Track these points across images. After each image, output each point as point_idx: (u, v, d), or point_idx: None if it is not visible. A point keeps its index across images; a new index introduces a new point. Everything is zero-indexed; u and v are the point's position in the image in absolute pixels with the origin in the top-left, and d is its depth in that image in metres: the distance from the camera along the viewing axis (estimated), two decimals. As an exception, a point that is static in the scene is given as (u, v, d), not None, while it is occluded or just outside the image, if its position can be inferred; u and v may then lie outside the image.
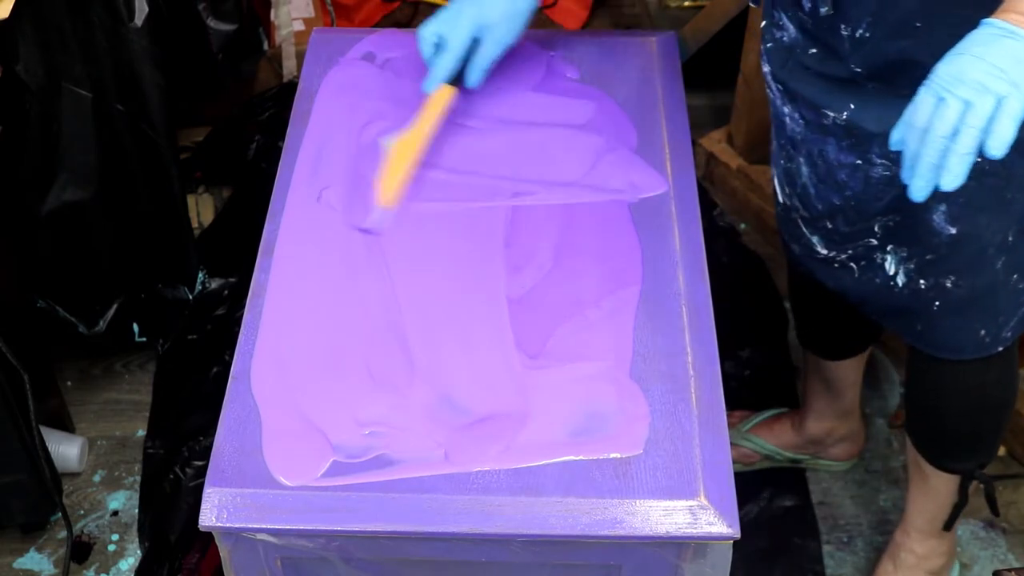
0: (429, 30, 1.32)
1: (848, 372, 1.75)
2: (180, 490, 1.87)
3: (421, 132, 1.31)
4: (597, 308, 1.18)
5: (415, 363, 1.13)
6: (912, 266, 1.33)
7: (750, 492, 1.87)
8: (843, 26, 1.18)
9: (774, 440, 1.89)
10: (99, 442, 1.98)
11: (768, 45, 1.32)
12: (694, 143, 2.27)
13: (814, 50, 1.24)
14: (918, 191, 0.97)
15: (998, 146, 0.93)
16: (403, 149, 1.30)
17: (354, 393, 1.10)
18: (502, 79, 1.45)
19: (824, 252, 1.41)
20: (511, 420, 1.08)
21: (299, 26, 2.41)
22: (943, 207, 1.25)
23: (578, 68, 1.47)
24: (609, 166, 1.34)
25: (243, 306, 1.20)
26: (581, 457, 1.05)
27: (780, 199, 1.45)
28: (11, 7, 1.51)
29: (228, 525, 1.03)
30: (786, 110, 1.32)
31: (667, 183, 1.32)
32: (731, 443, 1.73)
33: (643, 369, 1.13)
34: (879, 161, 1.25)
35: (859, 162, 1.27)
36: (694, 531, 1.02)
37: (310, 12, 2.43)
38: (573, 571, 1.10)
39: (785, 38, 1.28)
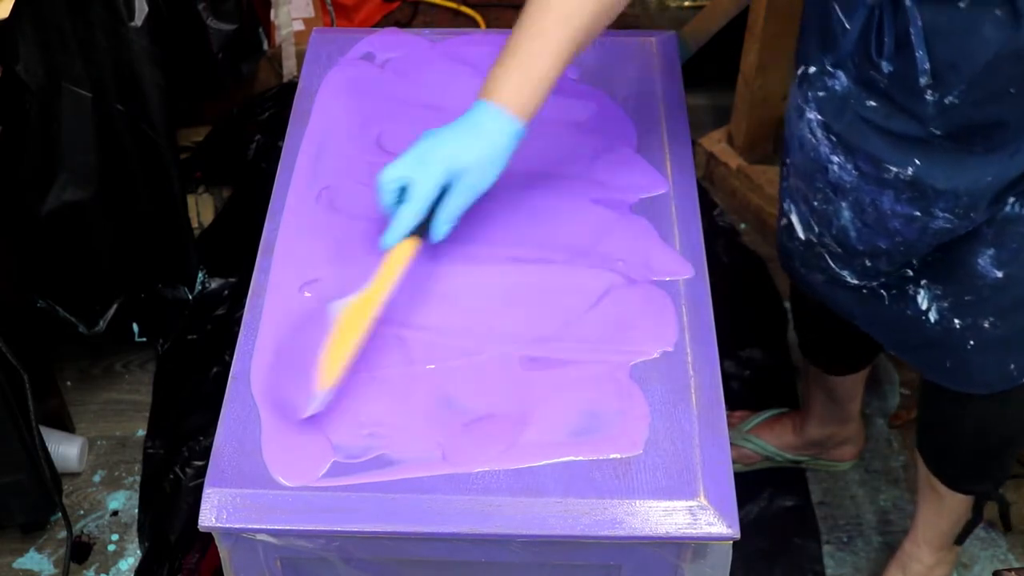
0: (392, 174, 1.15)
1: (850, 384, 1.75)
2: (180, 490, 1.87)
3: (375, 297, 1.13)
4: (596, 308, 1.18)
5: (415, 363, 1.13)
6: (946, 305, 1.29)
7: (750, 492, 1.86)
8: (930, 91, 1.10)
9: (775, 441, 1.88)
10: (99, 442, 1.98)
11: (819, 94, 1.22)
12: (694, 143, 2.28)
13: (873, 103, 1.17)
14: None
15: None
16: (353, 317, 1.11)
17: (354, 393, 1.10)
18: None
19: (855, 282, 1.35)
20: (511, 420, 1.08)
21: (299, 26, 2.41)
22: (991, 251, 1.22)
23: (578, 68, 1.47)
24: (609, 166, 1.34)
25: (243, 306, 1.20)
26: (581, 457, 1.05)
27: (801, 235, 1.36)
28: (11, 7, 1.51)
29: (228, 525, 1.03)
30: (835, 159, 1.24)
31: (667, 183, 1.32)
32: (731, 443, 1.73)
33: (643, 369, 1.13)
34: (942, 215, 1.19)
35: (918, 214, 1.21)
36: (694, 531, 1.02)
37: (310, 12, 2.43)
38: (573, 571, 1.10)
39: (838, 87, 1.20)
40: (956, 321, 1.30)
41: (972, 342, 1.31)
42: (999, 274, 1.24)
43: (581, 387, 1.11)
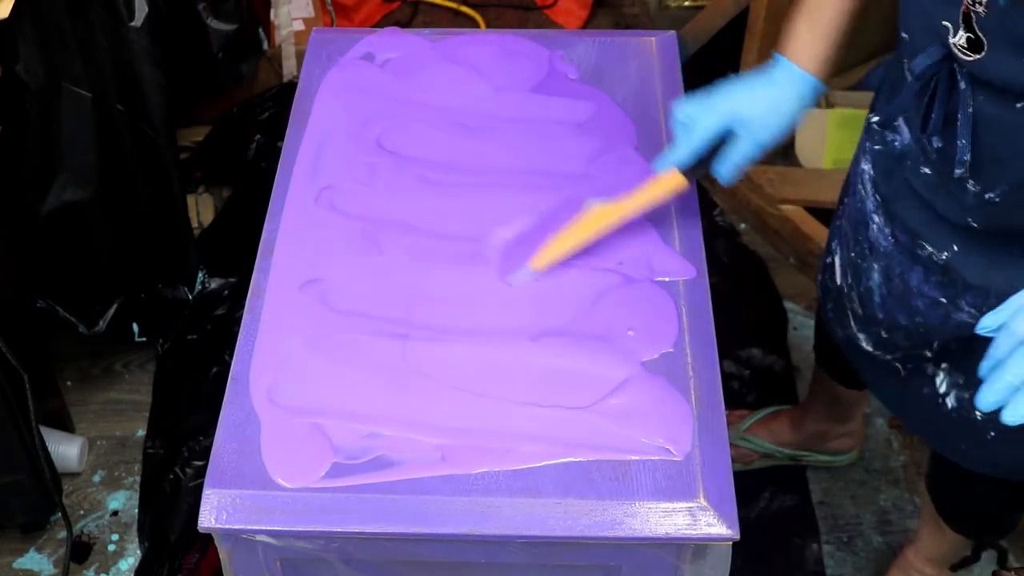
0: (683, 109, 1.20)
1: (859, 395, 1.73)
2: (180, 490, 1.87)
3: (629, 206, 1.22)
4: (597, 308, 1.18)
5: (416, 364, 1.13)
6: (967, 396, 1.24)
7: (750, 492, 1.87)
8: (972, 183, 1.06)
9: (772, 439, 1.88)
10: (99, 442, 1.98)
11: (876, 147, 1.21)
12: (694, 143, 2.27)
13: (927, 171, 1.13)
14: (982, 398, 0.86)
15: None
16: (601, 215, 1.21)
17: (354, 394, 1.10)
18: (502, 79, 1.45)
19: (869, 349, 1.33)
20: (511, 421, 1.08)
21: (299, 26, 2.41)
22: None
23: (578, 68, 1.47)
24: (609, 165, 1.34)
25: (243, 306, 1.20)
26: (580, 459, 1.05)
27: (838, 280, 1.34)
28: (11, 7, 1.51)
29: (227, 526, 1.03)
30: (876, 219, 1.22)
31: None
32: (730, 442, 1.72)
33: (643, 369, 1.13)
34: (967, 309, 1.16)
35: (944, 301, 1.17)
36: (694, 532, 1.02)
37: (310, 12, 2.43)
38: (572, 572, 1.10)
39: (897, 144, 1.17)
40: (977, 413, 1.24)
41: (993, 433, 1.25)
42: None
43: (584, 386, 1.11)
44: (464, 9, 2.77)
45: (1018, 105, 0.98)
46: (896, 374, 1.33)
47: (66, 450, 1.89)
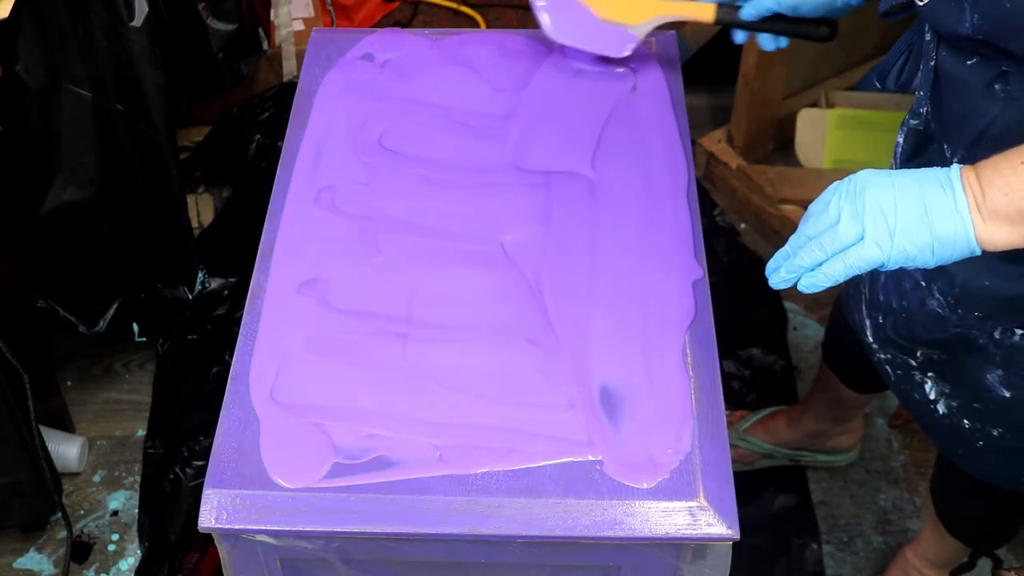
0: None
1: (863, 398, 1.72)
2: (180, 490, 1.87)
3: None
4: (596, 307, 1.18)
5: (416, 364, 1.13)
6: (955, 405, 1.27)
7: (750, 492, 1.87)
8: (946, 146, 1.09)
9: (771, 439, 1.88)
10: (99, 442, 1.98)
11: (912, 122, 1.19)
12: (694, 143, 2.28)
13: (915, 123, 1.17)
14: (769, 271, 0.97)
15: (807, 284, 0.93)
16: None
17: (354, 394, 1.10)
18: (502, 79, 1.45)
19: (869, 339, 1.35)
20: (512, 421, 1.08)
21: (299, 26, 2.41)
22: (1000, 372, 1.19)
23: (578, 67, 1.47)
24: (609, 164, 1.34)
25: (243, 306, 1.20)
26: (580, 459, 1.05)
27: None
28: (11, 7, 1.51)
29: (227, 526, 1.03)
30: None
31: (667, 183, 1.32)
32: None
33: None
34: (936, 296, 1.18)
35: (923, 284, 1.20)
36: (694, 532, 1.02)
37: (310, 12, 2.43)
38: (572, 572, 1.10)
39: (933, 126, 1.15)
40: (965, 421, 1.26)
41: (982, 442, 1.27)
42: (1007, 394, 1.20)
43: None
44: (464, 9, 2.77)
45: (968, 62, 0.99)
46: (888, 377, 1.35)
47: (66, 450, 1.89)
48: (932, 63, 1.04)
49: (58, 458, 1.84)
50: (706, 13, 1.32)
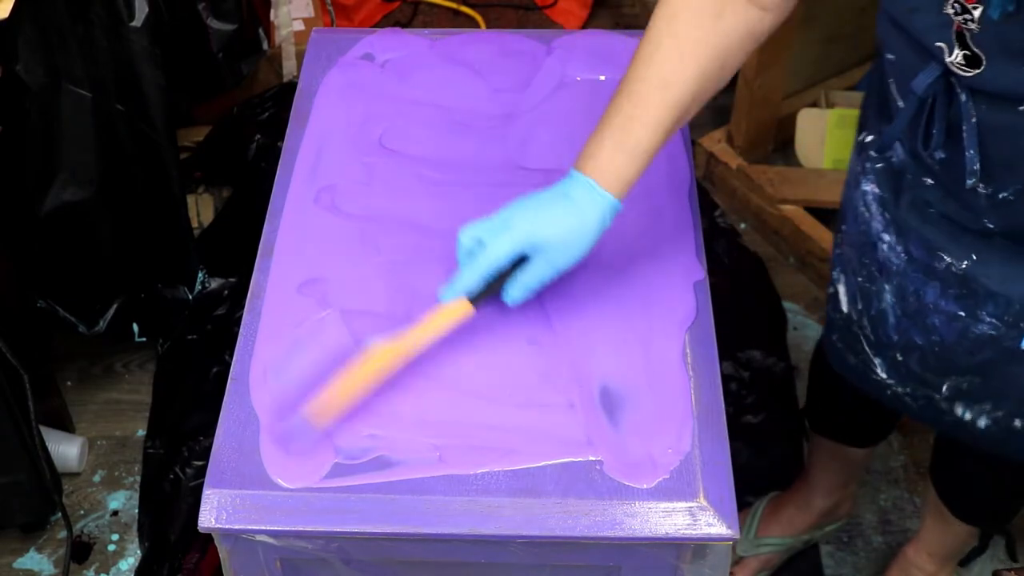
0: (468, 233, 1.10)
1: (869, 450, 1.67)
2: (180, 490, 1.87)
3: (411, 344, 1.09)
4: (596, 307, 1.18)
5: (415, 364, 1.13)
6: (1001, 414, 1.21)
7: (750, 492, 1.86)
8: (983, 186, 1.04)
9: (787, 530, 1.76)
10: (99, 442, 1.98)
11: (878, 165, 1.18)
12: (694, 143, 2.28)
13: (930, 181, 1.11)
14: None
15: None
16: (382, 356, 1.07)
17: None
18: (502, 79, 1.45)
19: (883, 376, 1.29)
20: (512, 421, 1.08)
21: (299, 26, 2.41)
22: None
23: (578, 68, 1.47)
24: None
25: (243, 306, 1.20)
26: (580, 459, 1.05)
27: (844, 308, 1.30)
28: (11, 7, 1.51)
29: (227, 526, 1.03)
30: (886, 238, 1.18)
31: (667, 183, 1.32)
32: (747, 554, 1.71)
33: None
34: (988, 320, 1.13)
35: (962, 314, 1.14)
36: (693, 532, 1.02)
37: (310, 12, 2.43)
38: (572, 572, 1.10)
39: (895, 160, 1.14)
40: (1016, 422, 1.21)
41: None
42: None
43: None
44: (464, 9, 2.77)
45: (1020, 108, 0.97)
46: (909, 408, 1.30)
47: (66, 450, 1.89)
48: (973, 119, 1.00)
49: (58, 458, 1.84)
50: (463, 311, 1.11)
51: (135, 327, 1.96)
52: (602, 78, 1.45)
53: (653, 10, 1.11)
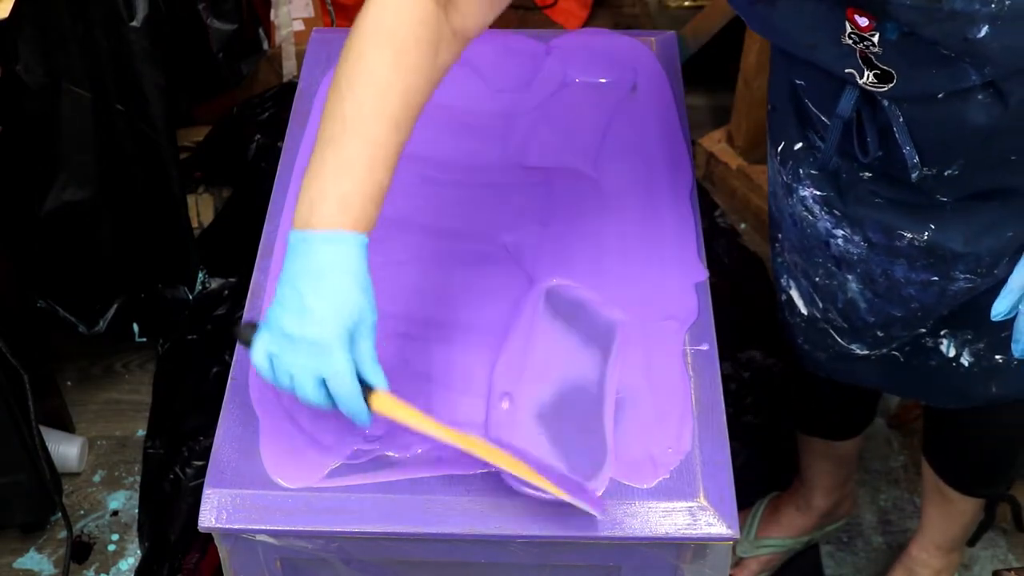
0: (282, 382, 0.96)
1: (853, 444, 1.69)
2: (180, 490, 1.87)
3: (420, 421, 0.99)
4: (597, 307, 1.18)
5: (415, 364, 1.13)
6: (982, 345, 1.24)
7: (750, 492, 1.86)
8: (927, 168, 1.07)
9: (788, 531, 1.77)
10: (99, 442, 1.98)
11: (812, 171, 1.19)
12: (694, 143, 2.28)
13: (868, 174, 1.14)
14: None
15: None
16: (463, 439, 1.00)
17: (354, 394, 1.10)
18: (502, 79, 1.45)
19: (864, 352, 1.31)
20: (512, 421, 1.08)
21: (299, 26, 2.41)
22: None
23: (578, 68, 1.47)
24: (611, 164, 1.34)
25: (243, 306, 1.20)
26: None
27: (803, 310, 1.32)
28: (11, 7, 1.51)
29: (227, 526, 1.03)
30: (839, 232, 1.20)
31: (667, 184, 1.32)
32: (748, 555, 1.71)
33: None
34: (963, 276, 1.16)
35: (936, 279, 1.17)
36: (693, 532, 1.02)
37: (310, 12, 2.43)
38: (572, 572, 1.10)
39: (829, 164, 1.16)
40: (997, 357, 1.24)
41: (1016, 362, 1.23)
42: None
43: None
44: (464, 9, 2.76)
45: (939, 96, 1.00)
46: (895, 361, 1.32)
47: (66, 450, 1.89)
48: (901, 120, 1.04)
49: (58, 458, 1.84)
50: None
51: (135, 327, 1.96)
52: (603, 80, 1.45)
53: (653, 10, 1.11)
